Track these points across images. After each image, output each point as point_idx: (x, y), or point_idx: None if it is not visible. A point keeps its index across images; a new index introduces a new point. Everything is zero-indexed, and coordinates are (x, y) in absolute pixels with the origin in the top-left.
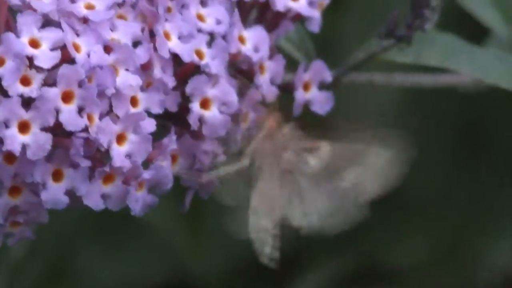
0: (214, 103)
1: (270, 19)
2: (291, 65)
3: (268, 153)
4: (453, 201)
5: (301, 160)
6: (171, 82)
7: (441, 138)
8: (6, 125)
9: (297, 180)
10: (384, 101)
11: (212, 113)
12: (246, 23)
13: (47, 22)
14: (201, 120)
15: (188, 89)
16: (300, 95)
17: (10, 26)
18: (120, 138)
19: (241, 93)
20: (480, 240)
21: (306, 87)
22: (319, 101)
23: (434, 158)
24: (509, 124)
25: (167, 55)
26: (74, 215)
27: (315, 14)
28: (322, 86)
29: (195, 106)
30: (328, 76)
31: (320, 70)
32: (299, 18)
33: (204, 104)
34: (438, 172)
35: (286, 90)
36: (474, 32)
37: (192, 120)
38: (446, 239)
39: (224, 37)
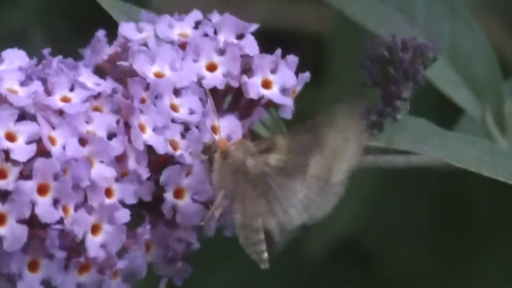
0: (188, 192)
1: (244, 106)
2: None
3: (231, 174)
4: (430, 275)
5: (263, 162)
6: (145, 173)
7: (417, 216)
8: None
9: (268, 183)
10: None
11: (185, 202)
12: (220, 110)
13: (23, 115)
14: (174, 209)
15: (162, 179)
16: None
17: None
18: (95, 229)
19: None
20: None
21: None
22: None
23: (411, 234)
24: (485, 201)
25: (141, 147)
26: None
27: (288, 102)
28: None
29: (168, 196)
30: None
31: None
32: (272, 106)
33: (178, 193)
34: (415, 246)
35: None
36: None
37: (166, 209)
38: None
39: (197, 126)
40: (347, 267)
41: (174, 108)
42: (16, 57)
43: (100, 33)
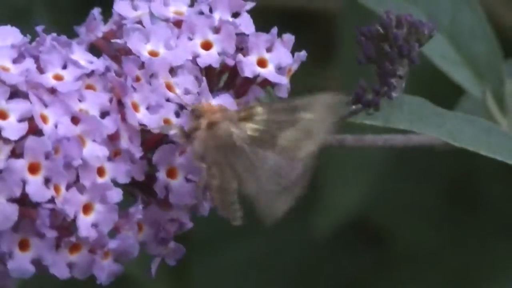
0: (181, 171)
1: (239, 85)
2: None
3: (216, 146)
4: (442, 252)
5: (241, 129)
6: (138, 152)
7: (428, 194)
8: None
9: (244, 151)
10: (369, 161)
11: (178, 182)
12: (215, 89)
13: (15, 93)
14: (167, 188)
15: (154, 158)
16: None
17: None
18: (87, 208)
19: None
20: None
21: None
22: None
23: (422, 211)
24: (497, 179)
25: (136, 127)
26: None
27: (283, 81)
28: None
29: (161, 175)
30: None
31: None
32: (267, 84)
33: (171, 173)
34: (427, 224)
35: None
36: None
37: (158, 189)
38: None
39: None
40: (357, 246)
41: (169, 87)
42: (9, 34)
43: (96, 11)
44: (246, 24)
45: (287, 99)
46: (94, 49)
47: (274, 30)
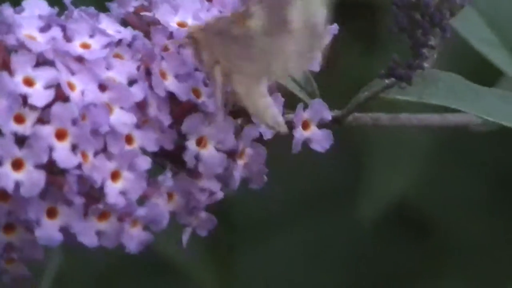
0: (210, 141)
1: None
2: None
3: (218, 43)
4: (492, 243)
5: (244, 27)
6: (167, 120)
7: (476, 183)
8: (0, 162)
9: (257, 45)
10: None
11: (208, 151)
12: None
13: (43, 61)
14: (197, 158)
15: (183, 128)
16: (299, 134)
17: (7, 65)
18: (115, 176)
19: (238, 130)
20: None
21: (305, 125)
22: (318, 139)
23: (470, 199)
24: None
25: (162, 94)
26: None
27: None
28: (324, 125)
29: (191, 144)
30: (327, 115)
31: (319, 110)
32: None
33: (200, 142)
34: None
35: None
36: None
37: (188, 158)
38: (484, 280)
39: None
40: (404, 235)
41: None
42: (37, 6)
43: None
44: None
45: None
46: (126, 25)
47: None
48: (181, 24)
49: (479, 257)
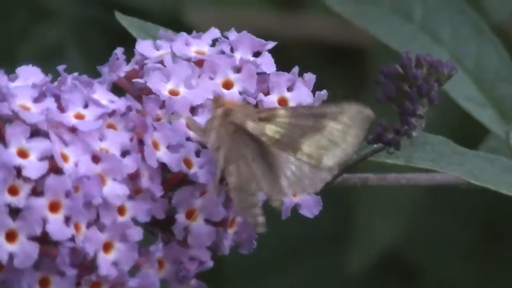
0: (200, 213)
1: None
2: None
3: (229, 133)
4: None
5: (261, 129)
6: (158, 191)
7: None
8: None
9: (262, 151)
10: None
11: (198, 224)
12: None
13: (35, 132)
14: (186, 230)
15: (174, 200)
16: (289, 200)
17: (2, 136)
18: (107, 247)
19: (228, 199)
20: None
21: None
22: (307, 205)
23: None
24: None
25: (155, 165)
26: None
27: None
28: None
29: (180, 217)
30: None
31: None
32: None
33: (190, 214)
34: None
35: None
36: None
37: (177, 231)
38: None
39: None
40: (391, 282)
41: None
42: (31, 74)
43: (118, 51)
44: (267, 63)
45: (313, 105)
46: (118, 89)
47: (296, 69)
48: (173, 92)
49: None
